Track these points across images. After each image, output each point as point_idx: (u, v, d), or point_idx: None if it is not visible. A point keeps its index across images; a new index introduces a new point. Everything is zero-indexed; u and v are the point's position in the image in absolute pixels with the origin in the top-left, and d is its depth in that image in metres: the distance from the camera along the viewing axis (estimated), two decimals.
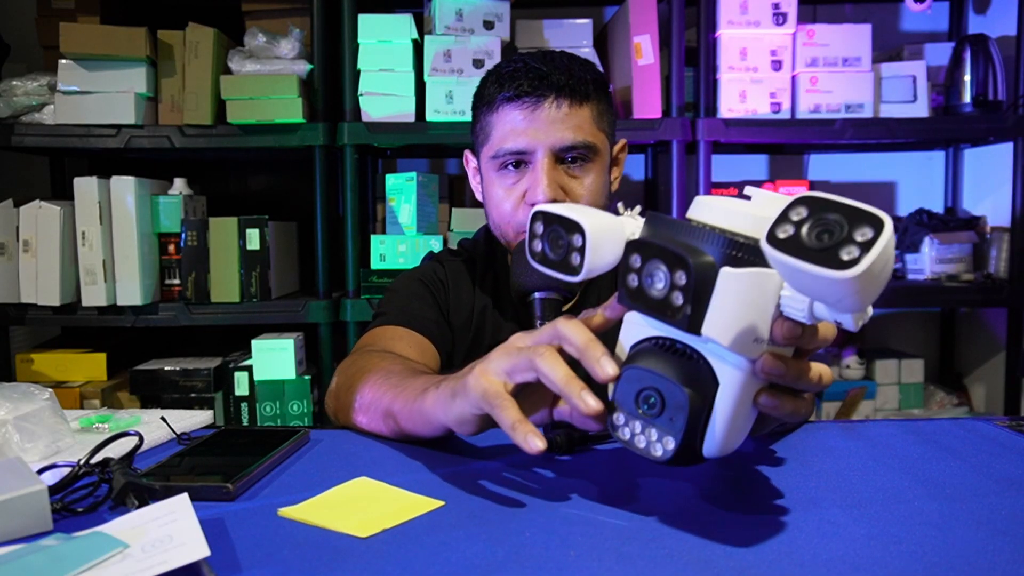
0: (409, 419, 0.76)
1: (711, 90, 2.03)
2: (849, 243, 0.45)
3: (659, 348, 0.58)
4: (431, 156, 2.44)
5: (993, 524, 0.58)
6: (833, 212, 0.47)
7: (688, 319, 0.53)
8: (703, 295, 0.53)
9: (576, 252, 0.61)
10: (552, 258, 0.63)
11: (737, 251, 0.53)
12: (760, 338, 0.54)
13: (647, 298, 0.56)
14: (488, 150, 1.05)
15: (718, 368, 0.56)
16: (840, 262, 0.44)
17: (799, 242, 0.47)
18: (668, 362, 0.57)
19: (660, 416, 0.57)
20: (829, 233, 0.46)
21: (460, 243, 1.23)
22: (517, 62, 1.04)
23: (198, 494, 0.64)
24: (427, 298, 1.12)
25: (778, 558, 0.53)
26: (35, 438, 0.76)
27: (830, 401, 2.30)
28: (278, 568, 0.52)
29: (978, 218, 2.31)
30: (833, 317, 0.51)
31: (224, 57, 1.94)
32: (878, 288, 0.47)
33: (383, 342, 1.02)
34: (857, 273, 0.44)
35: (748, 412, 0.57)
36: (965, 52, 2.10)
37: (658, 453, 0.58)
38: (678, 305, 0.54)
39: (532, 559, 0.53)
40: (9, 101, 1.92)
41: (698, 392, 0.56)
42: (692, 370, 0.56)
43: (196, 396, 1.98)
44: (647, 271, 0.56)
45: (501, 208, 1.05)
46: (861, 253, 0.44)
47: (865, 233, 0.45)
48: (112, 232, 1.92)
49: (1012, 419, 0.88)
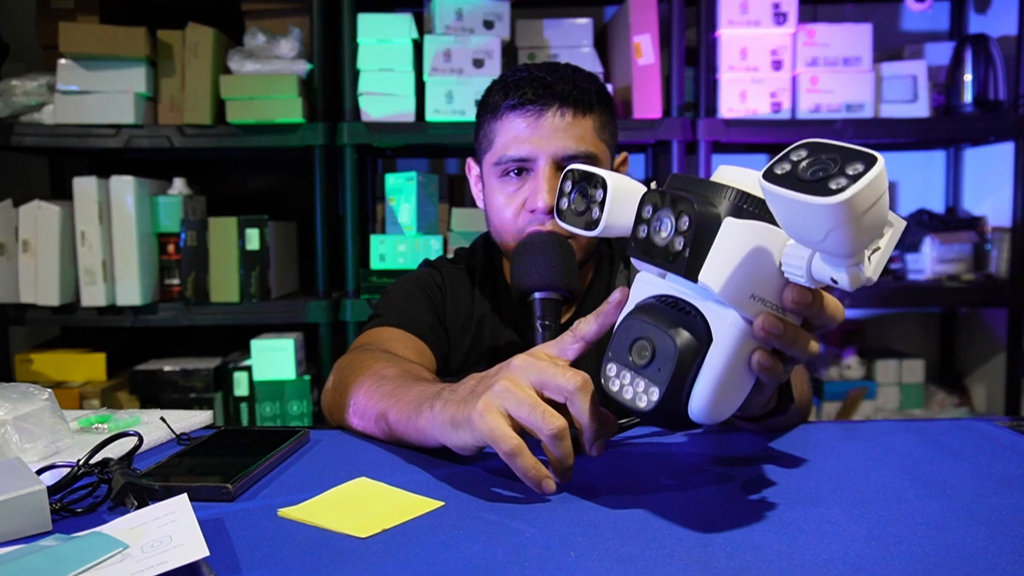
0: (404, 432, 0.76)
1: (711, 90, 2.03)
2: (840, 176, 0.46)
3: (660, 302, 0.59)
4: (431, 156, 2.44)
5: (993, 524, 0.58)
6: (831, 152, 0.48)
7: (686, 263, 0.55)
8: (703, 241, 0.54)
9: (597, 206, 0.63)
10: (574, 212, 0.65)
11: (745, 204, 0.55)
12: (758, 296, 0.55)
13: (652, 246, 0.58)
14: (491, 157, 1.06)
15: (715, 325, 0.56)
16: (828, 191, 0.45)
17: (794, 176, 0.48)
18: (665, 314, 0.58)
19: (649, 366, 0.58)
20: (823, 169, 0.47)
21: (457, 252, 1.24)
22: (522, 71, 1.05)
23: (198, 494, 0.64)
24: (424, 301, 1.12)
25: (778, 558, 0.53)
26: (34, 438, 0.76)
27: (830, 401, 2.30)
28: (278, 568, 0.52)
29: (978, 218, 2.30)
30: (829, 275, 0.52)
31: (224, 57, 1.94)
32: (867, 228, 0.47)
33: (379, 342, 1.02)
34: (841, 199, 0.44)
35: (740, 377, 0.58)
36: (966, 52, 2.10)
37: (642, 404, 0.58)
38: (678, 250, 0.55)
39: (532, 559, 0.53)
40: (8, 101, 1.92)
41: (688, 344, 0.56)
42: (687, 323, 0.57)
43: (196, 396, 1.98)
44: (656, 218, 0.57)
45: (502, 215, 1.05)
46: (848, 183, 0.45)
47: (856, 168, 0.46)
48: (112, 232, 1.92)
49: (1012, 419, 0.88)
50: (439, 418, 0.69)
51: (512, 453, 0.62)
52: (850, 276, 0.51)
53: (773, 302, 0.56)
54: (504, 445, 0.62)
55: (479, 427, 0.63)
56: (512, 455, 0.62)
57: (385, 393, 0.81)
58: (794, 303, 0.55)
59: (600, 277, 1.14)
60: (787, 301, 0.55)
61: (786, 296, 0.55)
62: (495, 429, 0.63)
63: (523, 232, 1.02)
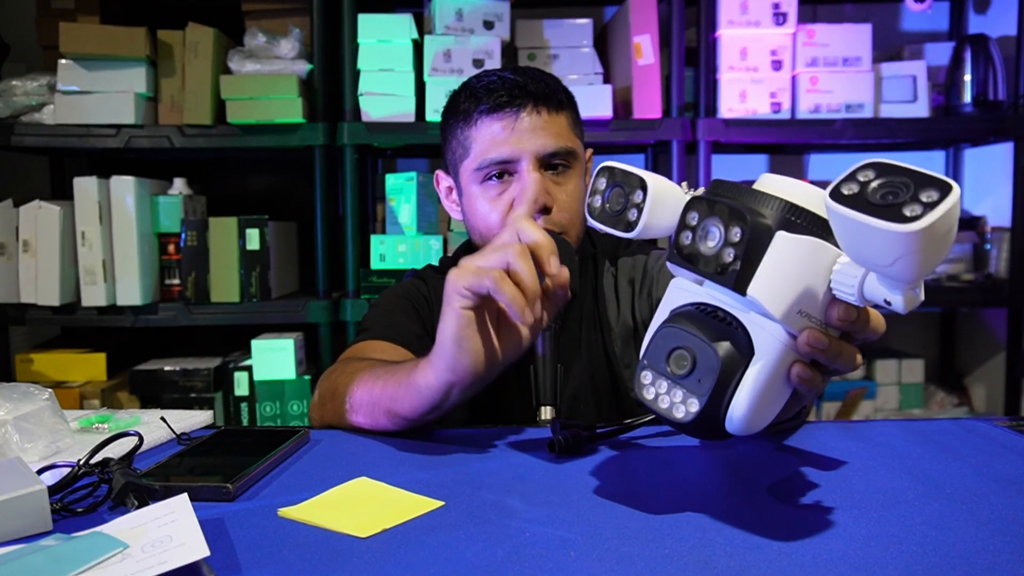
0: (406, 396, 0.78)
1: (711, 90, 2.03)
2: (914, 202, 0.45)
3: (700, 311, 0.58)
4: (431, 156, 2.44)
5: (993, 524, 0.58)
6: (901, 175, 0.46)
7: (736, 276, 0.53)
8: (755, 254, 0.53)
9: (635, 208, 0.61)
10: (610, 213, 0.63)
11: (796, 217, 0.53)
12: (804, 311, 0.54)
13: (698, 255, 0.56)
14: (470, 163, 1.05)
15: (756, 338, 0.55)
16: (903, 217, 0.44)
17: (864, 199, 0.46)
18: (707, 325, 0.57)
19: (688, 376, 0.57)
20: (895, 193, 0.46)
21: (441, 260, 1.24)
22: (489, 75, 1.05)
23: (198, 494, 0.64)
24: (410, 313, 1.11)
25: (778, 558, 0.53)
26: (35, 438, 0.76)
27: (830, 401, 2.30)
28: (278, 568, 0.52)
29: (978, 218, 2.30)
30: (883, 297, 0.51)
31: (224, 57, 1.94)
32: (936, 256, 0.46)
33: (367, 354, 1.02)
34: (918, 228, 0.43)
35: (779, 390, 0.57)
36: (965, 52, 2.10)
37: (680, 415, 0.57)
38: (728, 262, 0.54)
39: (532, 559, 0.53)
40: (9, 101, 1.92)
41: (731, 357, 0.55)
42: (730, 335, 0.56)
43: (196, 396, 1.98)
44: (703, 226, 0.56)
45: (488, 220, 1.05)
46: (924, 211, 0.44)
47: (931, 195, 0.44)
48: (112, 232, 1.92)
49: (1012, 419, 0.88)
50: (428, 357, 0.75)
51: (497, 279, 0.68)
52: (906, 299, 0.50)
53: (818, 317, 0.55)
54: (486, 279, 0.68)
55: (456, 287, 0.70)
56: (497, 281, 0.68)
57: (379, 377, 0.84)
58: (840, 321, 0.54)
59: (586, 276, 1.14)
60: (833, 319, 0.55)
61: (832, 313, 0.54)
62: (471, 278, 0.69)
63: None
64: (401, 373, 0.80)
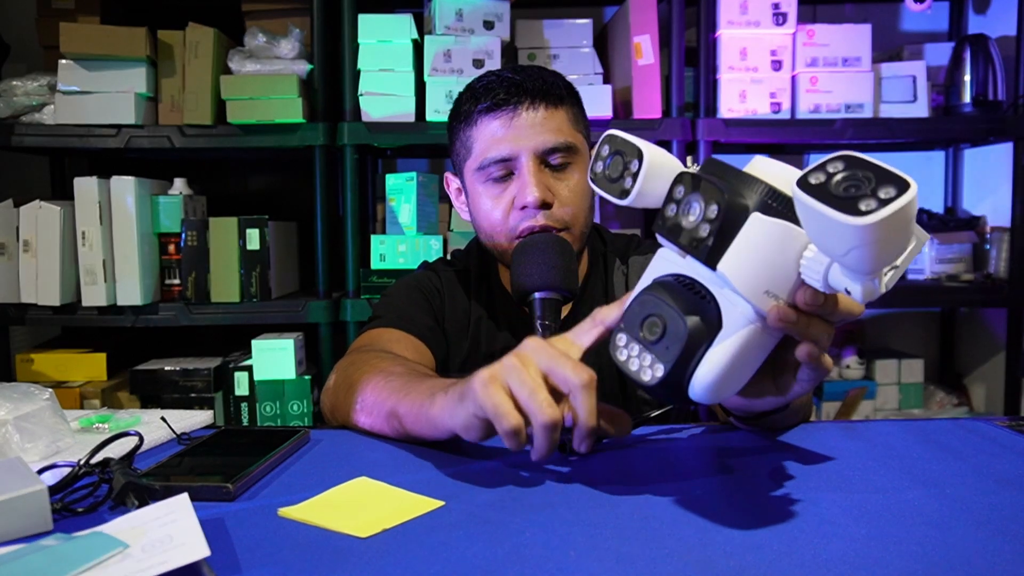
0: (415, 423, 0.77)
1: (711, 90, 2.03)
2: (871, 197, 0.46)
3: (678, 283, 0.61)
4: (431, 156, 2.44)
5: (993, 524, 0.58)
6: (866, 170, 0.48)
7: (708, 251, 0.56)
8: (728, 232, 0.56)
9: (631, 176, 0.64)
10: (608, 178, 0.66)
11: (774, 201, 0.56)
12: (772, 292, 0.56)
13: (678, 228, 0.59)
14: (472, 163, 1.06)
15: (727, 313, 0.58)
16: (857, 211, 0.46)
17: (827, 190, 0.48)
18: (680, 295, 0.60)
19: (658, 343, 0.60)
20: (857, 186, 0.48)
21: (453, 254, 1.24)
22: (489, 76, 1.06)
23: (198, 494, 0.64)
24: (423, 304, 1.12)
25: (778, 558, 0.53)
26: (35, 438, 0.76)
27: (830, 401, 2.30)
28: (278, 568, 0.52)
29: (978, 218, 2.30)
30: (844, 285, 0.53)
31: (224, 57, 1.94)
32: (890, 250, 0.48)
33: (381, 343, 1.02)
34: (868, 223, 0.45)
35: (743, 365, 0.59)
36: (965, 52, 2.10)
37: (646, 377, 0.60)
38: (703, 236, 0.57)
39: (532, 559, 0.53)
40: (9, 101, 1.92)
41: (699, 329, 0.58)
42: (701, 307, 0.58)
43: (196, 396, 1.98)
44: (686, 201, 0.59)
45: (492, 218, 1.05)
46: (879, 206, 0.46)
47: (889, 191, 0.46)
48: (112, 232, 1.92)
49: (1012, 419, 0.88)
50: (449, 400, 0.70)
51: (510, 432, 0.63)
52: (864, 290, 0.52)
53: (786, 300, 0.58)
54: (504, 423, 0.63)
55: (480, 396, 0.65)
56: (509, 434, 0.64)
57: (395, 389, 0.82)
58: (806, 304, 0.57)
59: (596, 274, 1.14)
60: (800, 302, 0.57)
61: (799, 297, 0.57)
62: (498, 404, 0.64)
63: (516, 231, 1.03)
64: (416, 394, 0.78)
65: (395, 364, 0.89)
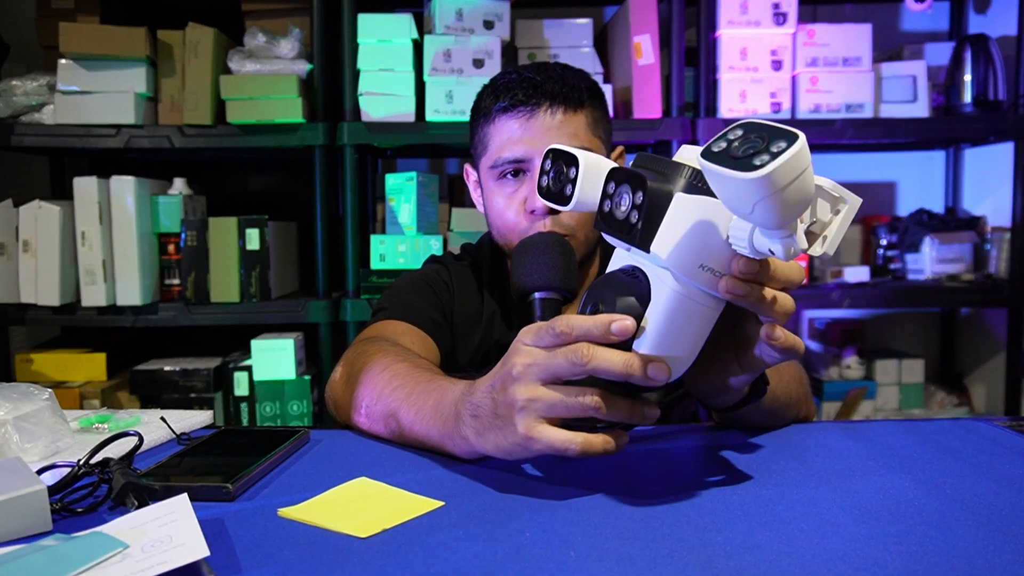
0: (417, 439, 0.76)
1: (711, 90, 2.03)
2: (764, 153, 0.49)
3: (622, 272, 0.65)
4: (431, 156, 2.44)
5: (993, 524, 0.58)
6: (760, 131, 0.51)
7: (639, 235, 0.59)
8: (655, 214, 0.59)
9: (570, 183, 0.67)
10: (552, 190, 0.70)
11: (699, 182, 0.59)
12: (707, 265, 0.59)
13: (613, 219, 0.62)
14: (487, 160, 1.07)
15: (655, 288, 0.61)
16: (752, 167, 0.49)
17: (727, 154, 0.51)
18: (618, 280, 0.64)
19: None
20: (753, 147, 0.50)
21: (463, 247, 1.24)
22: (511, 73, 1.06)
23: (198, 494, 0.64)
24: (429, 297, 1.12)
25: (778, 558, 0.53)
26: (35, 438, 0.76)
27: (830, 401, 2.30)
28: (278, 568, 0.52)
29: (978, 218, 2.30)
30: (767, 247, 0.55)
31: (224, 57, 1.94)
32: (793, 201, 0.50)
33: (387, 335, 1.02)
34: (762, 174, 0.48)
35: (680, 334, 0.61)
36: (965, 52, 2.10)
37: None
38: (633, 222, 0.60)
39: (532, 559, 0.53)
40: (9, 101, 1.92)
41: (629, 306, 0.61)
42: (633, 287, 0.63)
43: (196, 396, 1.98)
44: (617, 193, 0.62)
45: (504, 217, 1.06)
46: (771, 159, 0.48)
47: (780, 145, 0.49)
48: (112, 232, 1.92)
49: (1012, 419, 0.88)
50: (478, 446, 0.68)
51: (583, 451, 0.63)
52: (784, 247, 0.54)
53: (723, 272, 0.60)
54: (573, 449, 0.63)
55: (537, 448, 0.63)
56: (583, 452, 0.63)
57: (396, 388, 0.81)
58: (741, 273, 0.58)
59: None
60: (734, 270, 0.59)
61: (733, 267, 0.59)
62: (555, 440, 0.63)
63: (527, 232, 1.03)
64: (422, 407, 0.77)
65: (398, 360, 0.88)
